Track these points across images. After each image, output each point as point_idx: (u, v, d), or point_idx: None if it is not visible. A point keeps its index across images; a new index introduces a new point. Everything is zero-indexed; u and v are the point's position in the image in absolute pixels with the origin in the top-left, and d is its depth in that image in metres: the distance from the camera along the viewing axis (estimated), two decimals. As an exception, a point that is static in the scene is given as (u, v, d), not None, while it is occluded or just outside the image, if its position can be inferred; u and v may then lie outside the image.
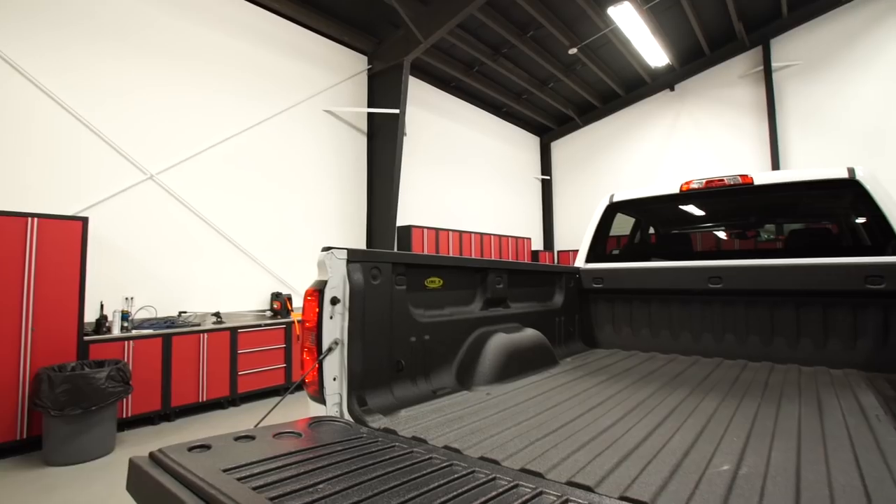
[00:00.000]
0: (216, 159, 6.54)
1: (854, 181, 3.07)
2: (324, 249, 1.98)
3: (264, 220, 7.08)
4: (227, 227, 6.59)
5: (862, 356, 2.94)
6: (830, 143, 9.71)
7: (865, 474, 1.35)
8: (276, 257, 7.16)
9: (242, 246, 6.75)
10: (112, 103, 5.60)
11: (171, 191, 6.03)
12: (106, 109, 5.55)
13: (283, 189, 7.37)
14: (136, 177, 5.75)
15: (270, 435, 1.59)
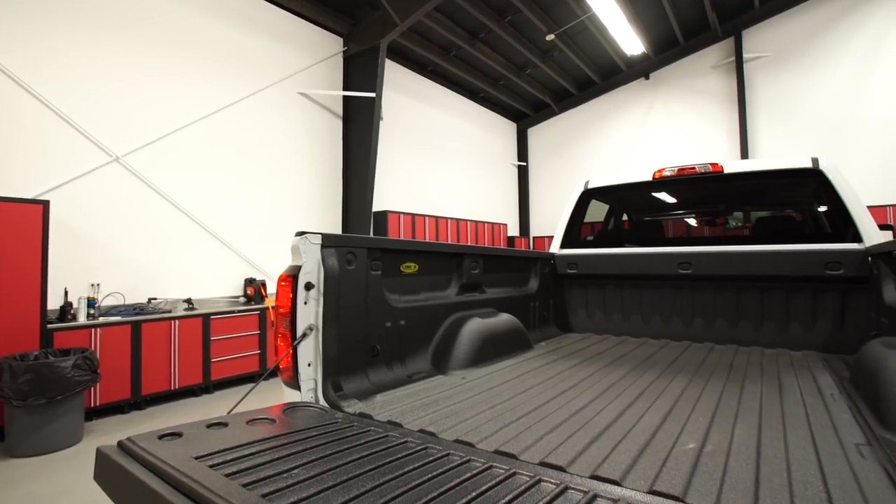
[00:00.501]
0: (186, 142, 6.34)
1: (817, 171, 3.17)
2: (297, 234, 1.95)
3: (237, 205, 6.92)
4: (198, 212, 6.42)
5: (820, 338, 3.07)
6: (796, 134, 10.00)
7: (820, 449, 1.42)
8: (250, 242, 7.03)
9: (214, 231, 6.60)
10: (75, 83, 5.36)
11: (139, 174, 5.83)
12: (68, 89, 5.30)
13: (257, 173, 7.21)
14: (101, 159, 5.54)
15: (244, 421, 1.58)
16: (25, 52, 5.03)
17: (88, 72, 5.47)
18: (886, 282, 2.51)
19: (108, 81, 5.63)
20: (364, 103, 8.31)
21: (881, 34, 9.19)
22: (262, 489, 1.10)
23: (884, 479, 1.21)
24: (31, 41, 5.07)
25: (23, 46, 5.02)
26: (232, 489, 1.08)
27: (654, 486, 1.19)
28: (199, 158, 6.48)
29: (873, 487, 1.17)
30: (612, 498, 1.11)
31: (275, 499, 1.06)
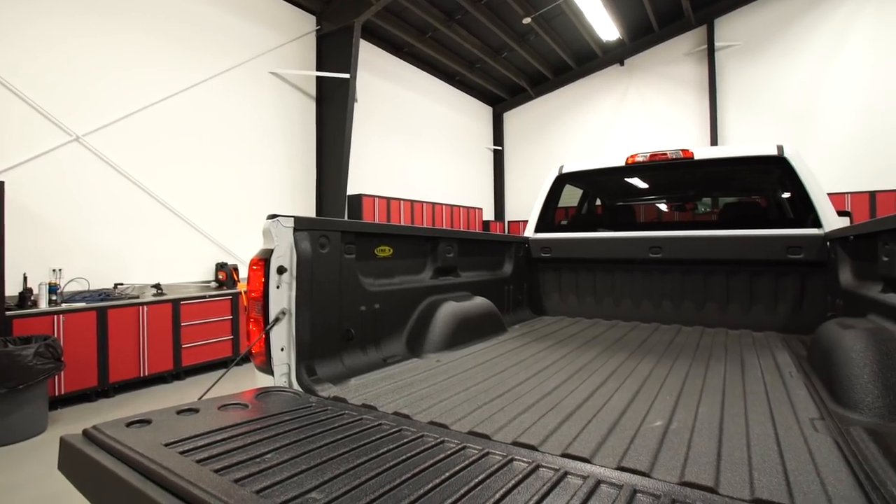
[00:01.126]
0: (152, 121, 6.11)
1: (782, 158, 3.27)
2: (269, 217, 1.91)
3: (207, 188, 6.73)
4: (166, 195, 6.22)
5: (781, 320, 3.20)
6: (763, 122, 10.26)
7: (777, 424, 1.49)
8: (221, 226, 6.87)
9: (184, 214, 6.41)
10: (31, 60, 5.07)
11: (101, 154, 5.60)
12: (23, 65, 5.02)
13: (227, 155, 7.01)
14: (60, 138, 5.29)
15: (215, 407, 1.56)
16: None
17: (46, 48, 5.19)
18: (842, 266, 2.62)
19: (67, 58, 5.36)
20: (338, 84, 8.14)
21: (843, 28, 9.45)
22: (235, 474, 1.10)
23: (835, 451, 1.28)
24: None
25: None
26: (203, 475, 1.07)
27: (622, 462, 1.23)
28: (166, 139, 6.26)
29: (825, 458, 1.24)
30: (581, 474, 1.14)
31: (247, 483, 1.06)
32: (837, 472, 1.16)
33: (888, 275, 1.87)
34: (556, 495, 1.05)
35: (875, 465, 1.19)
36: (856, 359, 1.68)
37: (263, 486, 1.04)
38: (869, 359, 1.64)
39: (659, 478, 1.15)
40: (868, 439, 1.33)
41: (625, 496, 1.04)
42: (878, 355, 1.63)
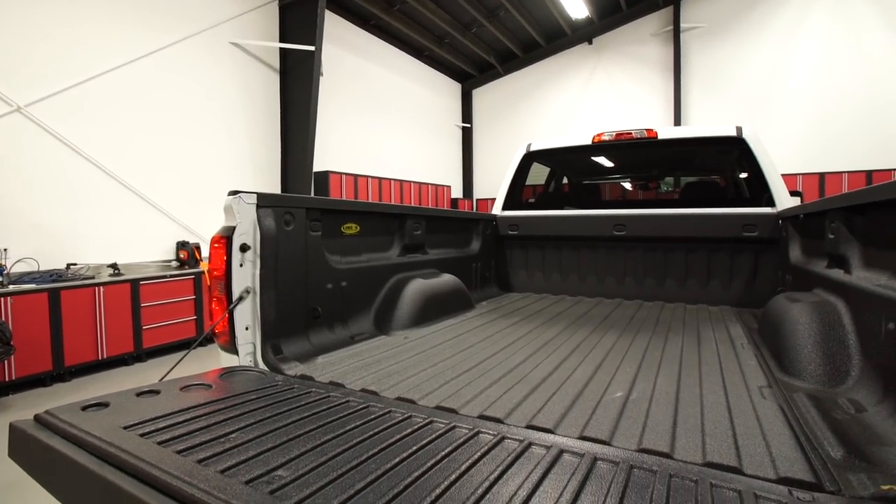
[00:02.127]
0: (103, 92, 5.77)
1: (740, 139, 3.37)
2: (230, 193, 1.85)
3: (166, 164, 6.45)
4: (121, 170, 5.94)
5: (735, 295, 3.35)
6: (725, 103, 10.55)
7: (729, 392, 1.57)
8: (181, 204, 6.62)
9: (140, 191, 6.14)
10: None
11: (47, 126, 5.27)
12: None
13: (187, 129, 6.72)
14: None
15: (177, 388, 1.52)
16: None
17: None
18: (792, 243, 2.74)
19: (4, 22, 4.97)
20: (302, 57, 7.86)
21: (801, 13, 9.73)
22: (198, 455, 1.08)
23: (779, 416, 1.36)
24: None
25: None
26: (165, 457, 1.05)
27: (584, 432, 1.27)
28: (119, 111, 5.94)
29: (770, 423, 1.31)
30: (545, 445, 1.18)
31: (211, 463, 1.04)
32: (781, 436, 1.24)
33: (833, 251, 1.97)
34: (520, 465, 1.08)
35: (814, 428, 1.27)
36: (801, 330, 1.78)
37: (228, 466, 1.03)
38: (813, 330, 1.74)
39: (619, 445, 1.20)
40: (809, 404, 1.42)
41: (586, 464, 1.08)
42: (820, 327, 1.73)
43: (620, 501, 0.93)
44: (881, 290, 1.41)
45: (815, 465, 1.09)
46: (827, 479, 1.03)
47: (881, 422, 1.23)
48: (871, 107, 9.23)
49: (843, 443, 1.16)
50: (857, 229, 1.85)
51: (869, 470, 1.05)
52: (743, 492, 0.97)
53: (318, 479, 0.99)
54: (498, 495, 0.95)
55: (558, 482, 1.00)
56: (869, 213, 1.76)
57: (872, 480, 1.00)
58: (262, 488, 0.94)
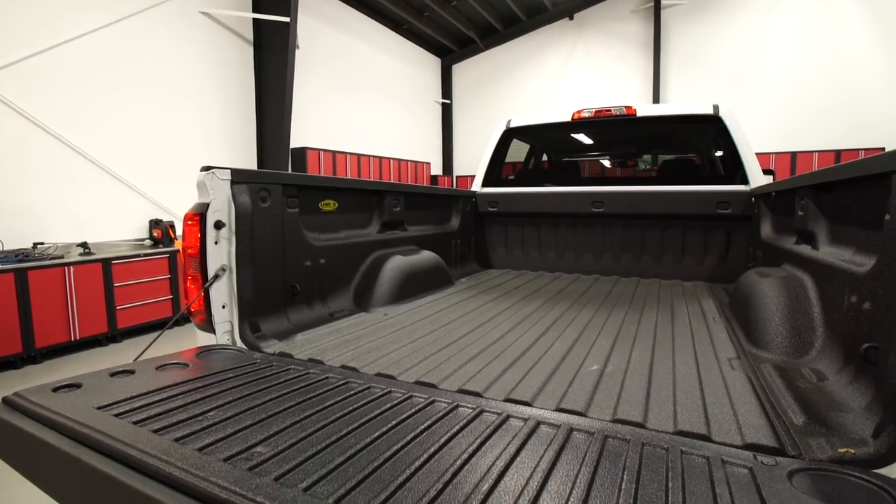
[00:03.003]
0: (68, 63, 5.50)
1: (717, 117, 3.40)
2: (203, 169, 1.80)
3: (136, 139, 6.23)
4: (89, 146, 5.71)
5: (708, 270, 3.43)
6: (703, 82, 10.62)
7: (700, 364, 1.62)
8: (154, 181, 6.42)
9: (111, 168, 5.93)
10: None
11: (7, 100, 5.02)
12: None
13: (158, 104, 6.47)
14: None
15: (153, 368, 1.50)
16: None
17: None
18: (764, 219, 2.81)
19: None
20: (277, 28, 7.60)
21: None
22: (175, 433, 1.07)
23: (747, 386, 1.42)
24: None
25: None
26: (141, 436, 1.04)
27: (560, 404, 1.30)
28: (85, 83, 5.67)
29: (738, 393, 1.37)
30: (522, 417, 1.21)
31: (188, 442, 1.04)
32: (748, 404, 1.29)
33: (802, 228, 2.03)
34: (498, 437, 1.10)
35: (779, 397, 1.33)
36: (769, 304, 1.83)
37: (206, 444, 1.03)
38: (780, 304, 1.80)
39: (594, 416, 1.23)
40: (775, 374, 1.48)
41: (562, 434, 1.11)
42: (788, 301, 1.79)
43: (595, 470, 0.96)
44: (845, 265, 1.46)
45: (779, 431, 1.14)
46: (789, 445, 1.08)
47: (840, 389, 1.29)
48: (841, 88, 9.41)
49: (805, 410, 1.22)
50: (824, 206, 1.90)
51: (828, 435, 1.10)
52: (711, 458, 1.01)
53: (298, 454, 1.00)
54: (476, 466, 0.97)
55: (535, 452, 1.03)
56: (836, 191, 1.81)
57: (831, 444, 1.05)
58: (240, 465, 0.94)
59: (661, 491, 0.89)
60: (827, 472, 0.95)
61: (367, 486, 0.89)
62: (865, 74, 9.22)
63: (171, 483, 0.89)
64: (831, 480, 0.93)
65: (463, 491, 0.88)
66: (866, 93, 9.23)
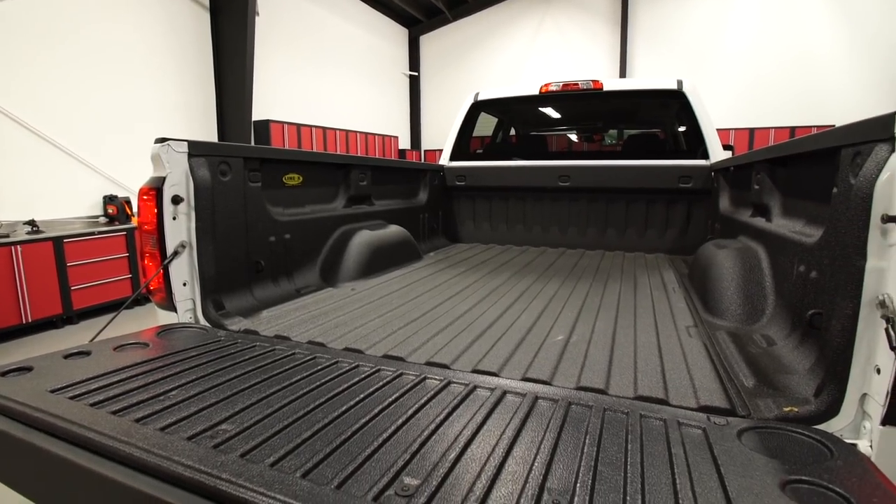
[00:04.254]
0: (3, 28, 5.08)
1: (680, 92, 3.45)
2: (157, 141, 1.72)
3: (85, 112, 5.86)
4: (33, 119, 5.34)
5: (669, 243, 3.54)
6: (668, 58, 10.73)
7: (660, 332, 1.68)
8: (108, 155, 6.09)
9: (58, 142, 5.58)
10: None
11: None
12: None
13: (107, 72, 6.09)
14: None
15: (110, 348, 1.45)
16: None
17: None
18: (722, 193, 2.90)
19: None
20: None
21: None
22: (135, 414, 1.05)
23: (703, 352, 1.48)
24: None
25: None
26: (99, 418, 1.01)
27: (526, 374, 1.33)
28: (25, 50, 5.27)
29: (695, 359, 1.43)
30: (489, 387, 1.23)
31: (150, 422, 1.02)
32: (703, 369, 1.35)
33: (757, 201, 2.11)
34: (465, 407, 1.12)
35: (732, 361, 1.40)
36: (725, 275, 1.91)
37: (168, 423, 1.01)
38: (735, 274, 1.88)
39: (558, 385, 1.27)
40: (729, 341, 1.55)
41: (527, 403, 1.14)
42: (742, 271, 1.87)
43: (559, 435, 0.99)
44: (795, 237, 1.52)
45: (731, 393, 1.21)
46: (739, 405, 1.14)
47: (787, 353, 1.36)
48: (797, 68, 9.70)
49: (755, 373, 1.28)
50: (778, 181, 1.97)
51: (774, 395, 1.17)
52: (668, 420, 1.06)
53: (264, 430, 0.99)
54: (443, 436, 0.99)
55: (501, 421, 1.05)
56: (790, 166, 1.88)
57: (777, 404, 1.12)
58: (205, 443, 0.93)
59: (621, 453, 0.93)
60: (772, 429, 1.01)
61: (334, 459, 0.90)
62: (820, 55, 9.52)
63: (133, 464, 0.88)
64: (776, 437, 0.99)
65: (430, 460, 0.89)
66: (820, 72, 9.55)
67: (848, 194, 1.08)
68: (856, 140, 1.12)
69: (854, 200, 1.04)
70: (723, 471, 0.85)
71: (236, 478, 0.80)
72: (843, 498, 0.78)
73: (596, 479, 0.84)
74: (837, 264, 1.11)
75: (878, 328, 0.97)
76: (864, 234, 1.00)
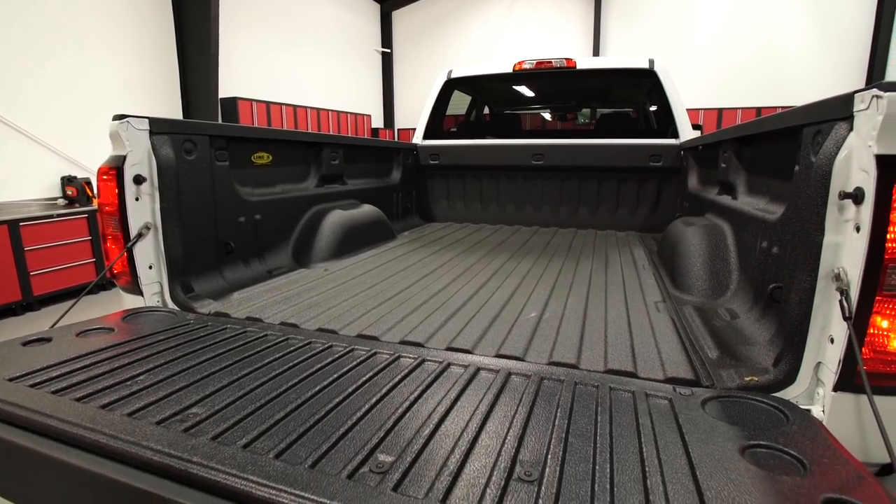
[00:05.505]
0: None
1: (652, 71, 3.48)
2: (116, 118, 1.64)
3: (40, 89, 5.54)
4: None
5: (640, 221, 3.60)
6: (641, 38, 10.77)
7: (630, 308, 1.72)
8: (65, 135, 5.80)
9: (9, 120, 5.28)
10: None
11: None
12: None
13: (62, 46, 5.75)
14: None
15: (72, 334, 1.41)
16: None
17: None
18: (691, 172, 2.96)
19: None
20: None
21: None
22: (100, 401, 1.02)
23: (670, 326, 1.53)
24: None
25: None
26: (62, 405, 0.98)
27: (500, 350, 1.35)
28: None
29: (662, 333, 1.47)
30: (463, 364, 1.24)
31: (116, 408, 0.99)
32: (670, 343, 1.39)
33: (724, 179, 2.15)
34: (439, 384, 1.13)
35: (697, 335, 1.44)
36: (692, 251, 1.96)
37: (136, 409, 0.99)
38: (702, 251, 1.93)
39: (531, 360, 1.29)
40: (695, 315, 1.60)
41: (501, 378, 1.15)
42: (708, 248, 1.92)
43: (531, 409, 1.01)
44: (759, 213, 1.57)
45: (696, 365, 1.25)
46: (704, 376, 1.19)
47: (749, 326, 1.42)
48: (766, 49, 9.88)
49: (719, 345, 1.33)
50: (744, 159, 2.02)
51: (737, 366, 1.21)
52: (636, 392, 1.09)
53: (236, 412, 0.98)
54: (418, 413, 0.99)
55: (475, 397, 1.07)
56: (755, 144, 1.92)
57: (738, 374, 1.17)
58: (174, 427, 0.92)
59: (591, 424, 0.95)
60: (734, 398, 1.06)
61: (308, 439, 0.90)
62: (787, 38, 9.71)
63: (99, 451, 0.86)
64: (737, 405, 1.03)
65: (405, 437, 0.90)
66: (788, 55, 9.75)
67: (809, 172, 1.11)
68: (817, 119, 1.15)
69: (814, 178, 1.07)
70: (687, 438, 0.89)
71: (208, 460, 0.79)
72: (796, 460, 0.82)
73: (567, 451, 0.86)
74: (797, 240, 1.15)
75: (833, 300, 1.01)
76: (822, 210, 1.03)
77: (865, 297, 0.95)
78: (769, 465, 0.81)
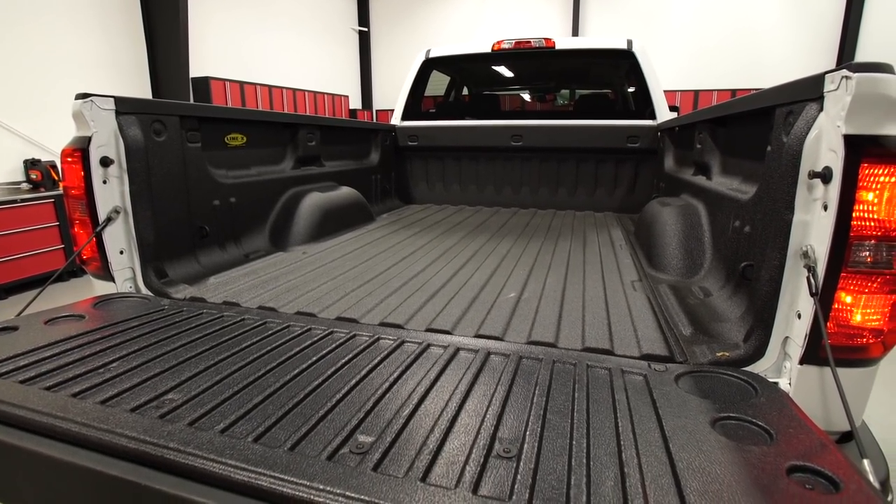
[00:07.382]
0: None
1: (630, 52, 3.48)
2: (79, 97, 1.57)
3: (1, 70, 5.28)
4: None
5: (617, 201, 3.64)
6: (621, 20, 10.77)
7: (607, 287, 1.75)
8: (26, 116, 5.55)
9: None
10: None
11: None
12: None
13: (20, 22, 5.46)
14: None
15: (40, 322, 1.36)
16: None
17: None
18: (667, 153, 3.00)
19: None
20: (160, -67, 6.57)
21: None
22: (72, 389, 0.99)
23: (646, 305, 1.56)
24: None
25: None
26: (30, 395, 0.95)
27: (479, 331, 1.36)
28: None
29: (638, 311, 1.50)
30: (442, 345, 1.25)
31: (89, 396, 0.97)
32: (646, 320, 1.42)
33: (699, 160, 2.18)
34: (419, 365, 1.14)
35: (672, 312, 1.47)
36: (668, 231, 1.99)
37: (109, 396, 0.97)
38: (677, 230, 1.96)
39: (510, 340, 1.30)
40: (670, 293, 1.63)
41: (480, 358, 1.16)
42: (683, 227, 1.95)
43: (510, 388, 1.02)
44: (732, 193, 1.60)
45: (670, 342, 1.28)
46: (678, 353, 1.22)
47: (722, 303, 1.45)
48: (740, 31, 9.99)
49: (692, 322, 1.36)
50: (719, 140, 2.05)
51: (709, 342, 1.25)
52: (612, 369, 1.11)
53: (213, 398, 0.97)
54: (397, 394, 1.00)
55: (454, 377, 1.08)
56: (729, 125, 1.95)
57: (711, 350, 1.20)
58: (150, 414, 0.90)
59: (569, 401, 0.97)
60: (706, 373, 1.09)
61: (287, 422, 0.89)
62: (763, 22, 9.82)
63: (71, 440, 0.84)
64: (709, 379, 1.06)
65: (384, 417, 0.90)
66: (763, 38, 9.88)
67: (780, 152, 1.13)
68: (789, 100, 1.17)
69: (785, 158, 1.09)
70: (661, 412, 0.91)
71: (184, 446, 0.78)
72: (763, 430, 0.85)
73: (545, 427, 0.88)
74: (768, 219, 1.17)
75: (801, 277, 1.04)
76: (792, 189, 1.06)
77: (831, 274, 0.98)
78: (738, 436, 0.84)
